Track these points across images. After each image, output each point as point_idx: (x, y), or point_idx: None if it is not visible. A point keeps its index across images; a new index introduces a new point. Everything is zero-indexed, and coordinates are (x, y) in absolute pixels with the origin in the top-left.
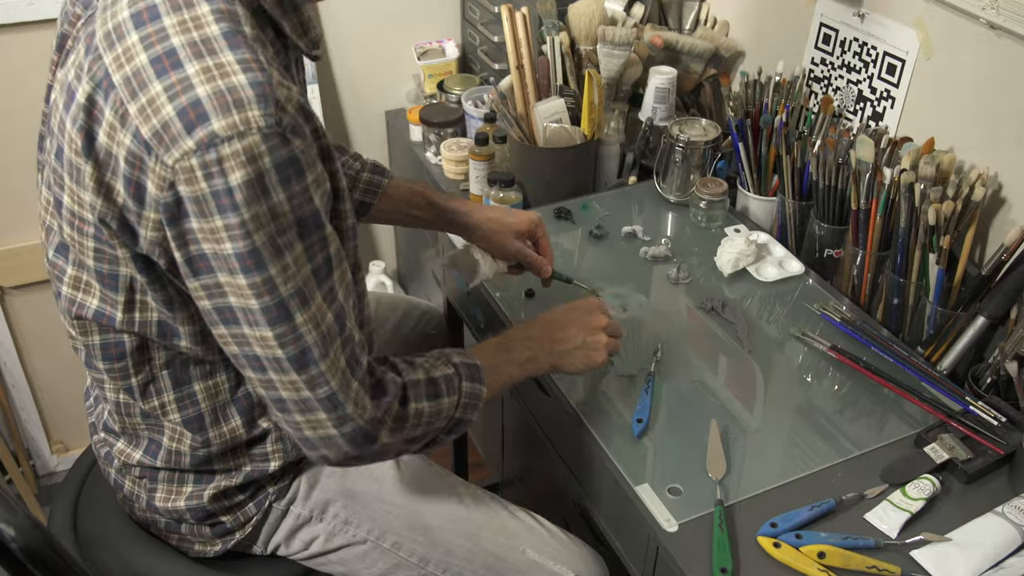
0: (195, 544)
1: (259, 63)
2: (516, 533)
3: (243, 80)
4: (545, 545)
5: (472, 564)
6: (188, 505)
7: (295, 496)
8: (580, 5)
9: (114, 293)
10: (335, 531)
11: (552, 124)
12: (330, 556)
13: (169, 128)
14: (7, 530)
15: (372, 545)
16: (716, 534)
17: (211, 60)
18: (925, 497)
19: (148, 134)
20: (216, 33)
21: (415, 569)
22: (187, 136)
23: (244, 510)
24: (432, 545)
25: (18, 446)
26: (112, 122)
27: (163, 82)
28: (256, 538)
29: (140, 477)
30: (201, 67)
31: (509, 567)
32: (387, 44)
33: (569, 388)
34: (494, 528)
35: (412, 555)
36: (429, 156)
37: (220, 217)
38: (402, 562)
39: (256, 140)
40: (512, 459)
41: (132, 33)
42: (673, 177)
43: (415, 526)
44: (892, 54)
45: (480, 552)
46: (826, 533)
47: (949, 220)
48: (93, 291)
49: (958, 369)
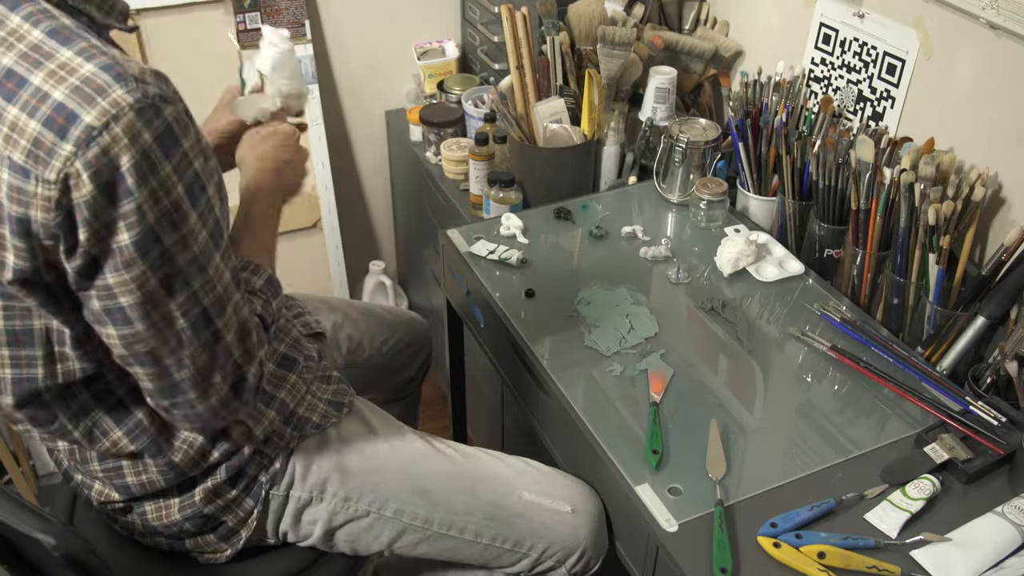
0: (205, 553)
1: (97, 47)
2: (510, 479)
3: (92, 68)
4: (539, 485)
5: (473, 516)
6: (184, 515)
7: (292, 480)
8: (580, 5)
9: (31, 350)
10: (337, 509)
11: (552, 124)
12: (337, 535)
13: (41, 142)
14: (46, 539)
15: (375, 516)
16: (716, 534)
17: (51, 63)
18: (925, 497)
19: (22, 158)
20: (41, 36)
21: (420, 532)
22: (62, 142)
23: (242, 505)
24: (432, 506)
25: (18, 446)
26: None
27: (16, 104)
28: (264, 532)
29: (125, 511)
30: (46, 73)
31: (509, 512)
32: (387, 44)
33: (569, 388)
34: (488, 478)
35: (415, 519)
36: (429, 156)
37: (114, 208)
38: (407, 527)
39: (131, 118)
40: None
41: None
42: (673, 177)
43: (413, 491)
44: (892, 54)
45: (479, 503)
46: (826, 533)
47: (949, 220)
48: (3, 363)
49: (958, 369)
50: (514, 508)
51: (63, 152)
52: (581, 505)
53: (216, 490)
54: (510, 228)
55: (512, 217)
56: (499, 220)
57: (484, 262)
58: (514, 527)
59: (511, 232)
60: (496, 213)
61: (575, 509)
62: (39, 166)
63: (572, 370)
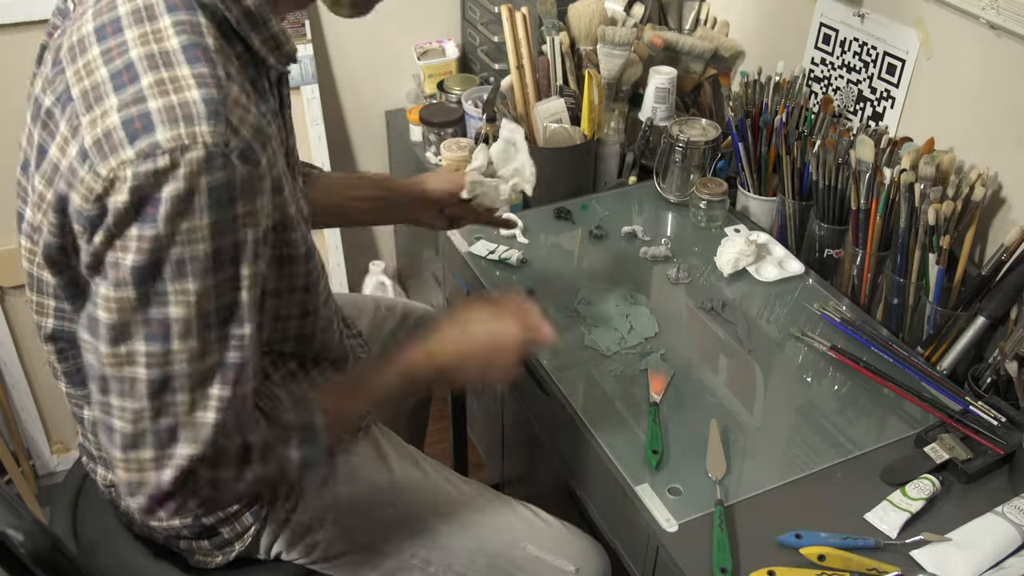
0: (196, 555)
1: (216, 79)
2: (516, 529)
3: (196, 96)
4: (546, 539)
5: (475, 564)
6: (183, 523)
7: (295, 504)
8: (580, 5)
9: (72, 302)
10: (336, 538)
11: (552, 124)
12: (332, 562)
13: (111, 136)
14: (15, 535)
15: (375, 551)
16: (716, 534)
17: (166, 73)
18: (925, 497)
19: (90, 143)
20: (176, 46)
21: (417, 571)
22: (128, 146)
23: (241, 520)
24: (433, 547)
25: (18, 446)
26: (65, 135)
27: (119, 95)
28: (257, 548)
29: (127, 502)
30: (155, 79)
31: (511, 564)
32: (387, 44)
33: (569, 388)
34: (495, 526)
35: (414, 557)
36: (429, 156)
37: (136, 228)
38: (404, 564)
39: (198, 156)
40: (512, 459)
41: (94, 46)
42: (673, 177)
43: (416, 530)
44: (892, 54)
45: (482, 552)
46: (826, 533)
47: (949, 220)
48: (47, 311)
49: (958, 369)
50: (517, 561)
51: (123, 155)
52: (585, 565)
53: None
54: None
55: (512, 217)
56: None
57: (484, 262)
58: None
59: (511, 232)
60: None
61: (579, 570)
62: (98, 157)
63: (572, 370)
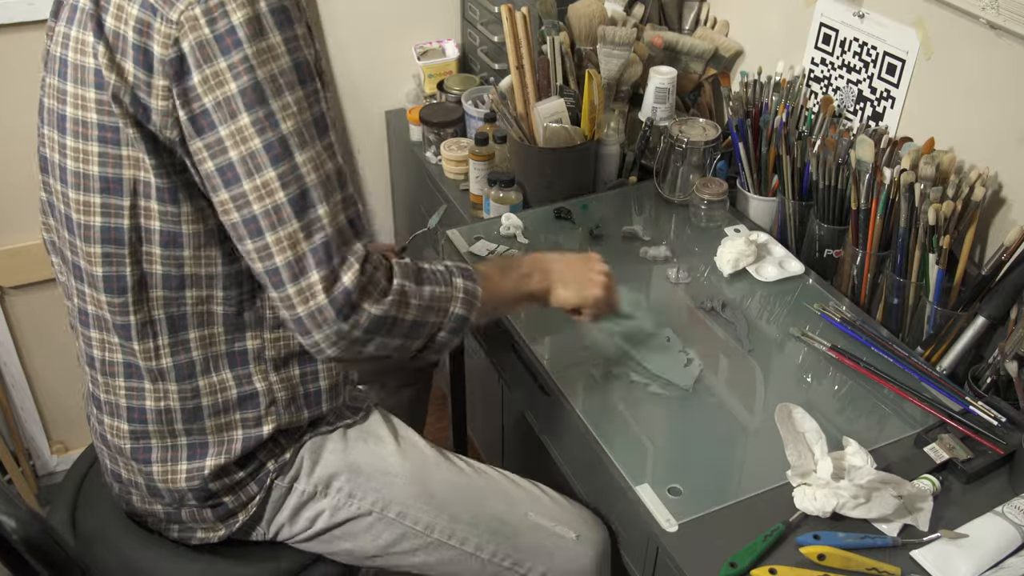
0: (197, 531)
1: None
2: (518, 498)
3: None
4: (547, 508)
5: (477, 529)
6: (189, 485)
7: (298, 473)
8: (580, 5)
9: (119, 199)
10: (340, 505)
11: (552, 124)
12: (335, 531)
13: None
14: (8, 522)
15: (377, 516)
16: (758, 540)
17: None
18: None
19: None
20: None
21: (420, 537)
22: None
23: (246, 489)
24: (436, 512)
25: (18, 446)
26: (119, 2)
27: None
28: (260, 519)
29: (133, 457)
30: None
31: (512, 530)
32: (387, 44)
33: (569, 388)
34: (496, 494)
35: (417, 523)
36: (429, 156)
37: (224, 58)
38: (408, 531)
39: None
40: (512, 459)
41: None
42: (673, 177)
43: (419, 495)
44: (892, 54)
45: (484, 516)
46: (843, 534)
47: (949, 220)
48: (94, 210)
49: (958, 369)
50: (518, 526)
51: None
52: (586, 533)
53: (225, 468)
54: (510, 228)
55: (512, 217)
56: (499, 220)
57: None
58: (516, 545)
59: (511, 232)
60: (496, 213)
61: (580, 537)
62: (166, 5)
63: (572, 370)
